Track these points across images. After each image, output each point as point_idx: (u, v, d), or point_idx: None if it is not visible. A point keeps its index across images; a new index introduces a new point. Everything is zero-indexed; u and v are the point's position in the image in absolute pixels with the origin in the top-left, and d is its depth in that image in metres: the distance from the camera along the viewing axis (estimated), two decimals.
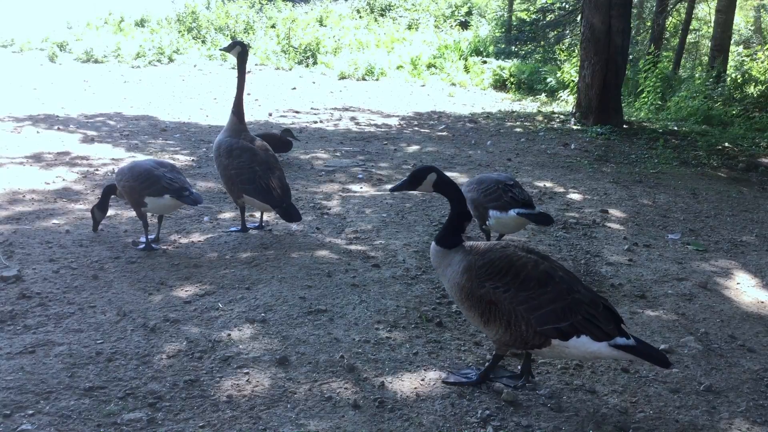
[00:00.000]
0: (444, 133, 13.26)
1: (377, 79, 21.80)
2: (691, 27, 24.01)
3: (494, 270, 3.87)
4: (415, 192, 8.60)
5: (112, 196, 6.45)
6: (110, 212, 6.85)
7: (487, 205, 5.83)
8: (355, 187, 8.78)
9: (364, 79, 21.68)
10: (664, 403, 4.12)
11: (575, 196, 8.86)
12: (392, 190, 4.35)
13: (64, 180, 8.28)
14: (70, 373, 4.03)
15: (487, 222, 5.94)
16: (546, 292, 3.79)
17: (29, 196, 7.52)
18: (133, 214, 6.63)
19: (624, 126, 14.54)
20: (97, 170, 8.87)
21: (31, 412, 3.64)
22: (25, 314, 4.78)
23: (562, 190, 9.16)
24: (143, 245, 6.24)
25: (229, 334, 4.62)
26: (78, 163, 9.21)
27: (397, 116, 15.28)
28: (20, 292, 5.10)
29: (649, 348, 3.82)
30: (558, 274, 3.87)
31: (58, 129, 11.43)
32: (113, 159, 9.52)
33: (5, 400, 3.73)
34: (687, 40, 23.38)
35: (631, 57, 18.33)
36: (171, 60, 22.26)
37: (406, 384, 4.13)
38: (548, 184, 9.38)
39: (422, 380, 4.18)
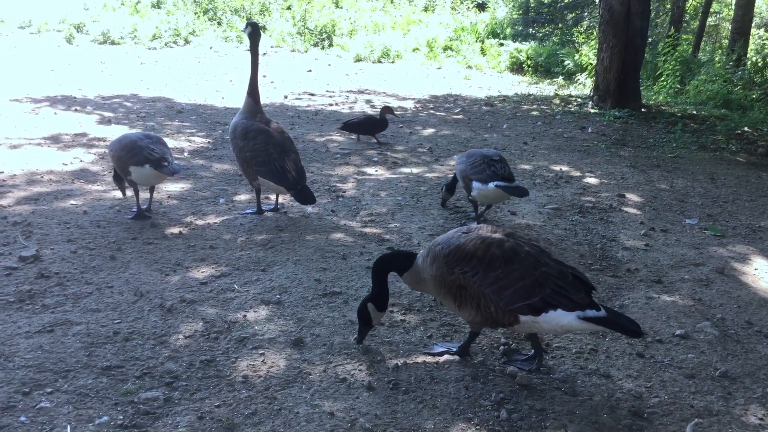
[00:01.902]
0: (460, 116, 13.20)
1: (393, 62, 21.71)
2: (711, 9, 23.67)
3: (460, 255, 3.92)
4: (430, 175, 8.59)
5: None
6: (127, 193, 6.90)
7: (471, 177, 6.36)
8: (370, 170, 8.77)
9: (379, 61, 21.60)
10: (680, 388, 4.10)
11: (592, 180, 8.81)
12: (359, 342, 4.35)
13: (81, 161, 8.33)
14: (88, 352, 4.08)
15: (472, 192, 6.42)
16: (513, 270, 3.81)
17: (47, 177, 7.58)
18: (148, 195, 6.73)
19: (642, 109, 14.40)
20: None
21: (49, 390, 3.69)
22: (44, 294, 4.83)
23: (578, 174, 9.10)
24: (133, 214, 6.50)
25: (245, 315, 4.65)
26: (95, 144, 9.27)
27: (413, 99, 15.22)
28: (39, 271, 5.15)
29: (621, 318, 3.78)
30: (524, 250, 3.88)
31: (76, 110, 11.49)
32: None
33: (24, 378, 3.79)
34: (707, 23, 23.07)
35: (650, 40, 18.12)
36: (187, 42, 22.28)
37: (420, 367, 4.14)
38: (564, 168, 9.32)
39: (436, 363, 4.19)
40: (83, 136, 9.70)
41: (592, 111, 14.30)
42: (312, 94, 15.05)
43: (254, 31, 6.76)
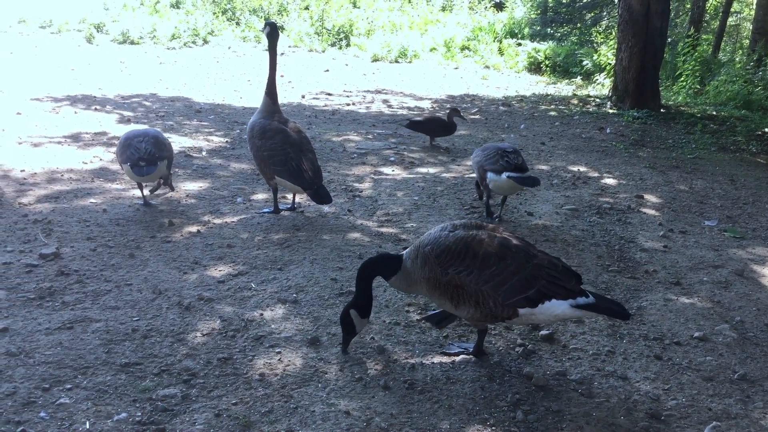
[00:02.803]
0: (477, 117, 13.17)
1: (410, 62, 21.70)
2: (732, 9, 23.43)
3: (452, 255, 3.92)
4: (447, 175, 8.58)
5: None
6: (146, 192, 6.97)
7: (486, 168, 6.60)
8: (386, 170, 8.78)
9: (396, 61, 21.60)
10: (697, 390, 4.07)
11: (610, 181, 8.76)
12: (343, 351, 4.27)
13: (101, 160, 8.41)
14: (107, 349, 4.12)
15: (486, 183, 6.65)
16: (507, 265, 3.87)
17: (67, 176, 7.67)
18: (169, 193, 6.82)
19: (661, 110, 14.30)
20: None
21: (69, 386, 3.74)
22: (64, 291, 4.89)
23: (596, 174, 9.06)
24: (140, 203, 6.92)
25: (262, 314, 4.67)
26: (115, 143, 9.33)
27: (430, 99, 15.20)
28: (59, 269, 5.21)
29: (609, 303, 3.93)
30: (513, 244, 3.95)
31: (96, 109, 11.60)
32: None
33: (44, 374, 3.83)
34: (727, 23, 22.84)
35: (669, 40, 17.96)
36: (206, 41, 22.40)
37: (436, 367, 4.15)
38: (582, 169, 9.28)
39: (452, 363, 4.19)
40: (103, 135, 9.79)
41: (611, 111, 14.22)
42: (329, 94, 15.08)
43: (272, 31, 6.79)
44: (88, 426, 3.40)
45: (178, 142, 9.35)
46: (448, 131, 9.96)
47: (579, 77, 19.79)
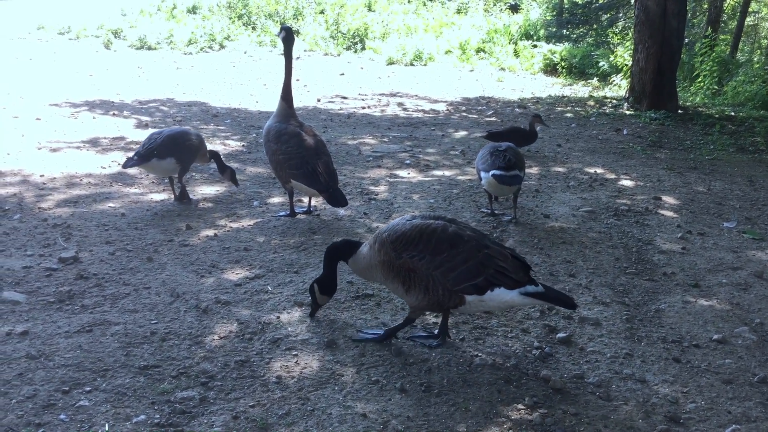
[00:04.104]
0: (492, 119, 13.15)
1: (425, 64, 21.70)
2: (750, 9, 23.21)
3: (407, 240, 4.12)
4: (462, 178, 8.56)
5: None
6: (163, 196, 7.04)
7: (479, 168, 6.77)
8: (402, 173, 8.78)
9: (412, 64, 21.61)
10: (717, 393, 4.04)
11: (627, 183, 8.71)
12: (310, 317, 4.66)
13: (119, 164, 8.48)
14: (126, 352, 4.16)
15: (481, 183, 6.82)
16: (458, 253, 4.04)
17: (86, 180, 7.74)
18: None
19: (679, 111, 14.19)
20: None
21: (88, 388, 3.77)
22: (83, 294, 4.94)
23: (613, 176, 9.01)
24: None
25: (279, 317, 4.69)
26: (133, 148, 9.42)
27: (445, 102, 15.20)
28: (78, 273, 5.27)
29: (557, 293, 4.10)
30: (467, 234, 4.13)
31: (114, 114, 11.71)
32: None
33: (64, 376, 3.87)
34: (745, 23, 22.63)
35: (686, 40, 17.85)
36: (222, 46, 22.55)
37: (452, 369, 4.14)
38: (599, 171, 9.23)
39: (469, 366, 4.19)
40: (121, 139, 9.88)
41: (628, 113, 14.13)
42: (344, 98, 15.12)
43: (288, 36, 6.82)
44: (107, 428, 3.43)
45: None
46: (528, 140, 9.65)
47: (595, 78, 19.69)
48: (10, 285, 5.02)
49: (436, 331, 4.52)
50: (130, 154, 8.98)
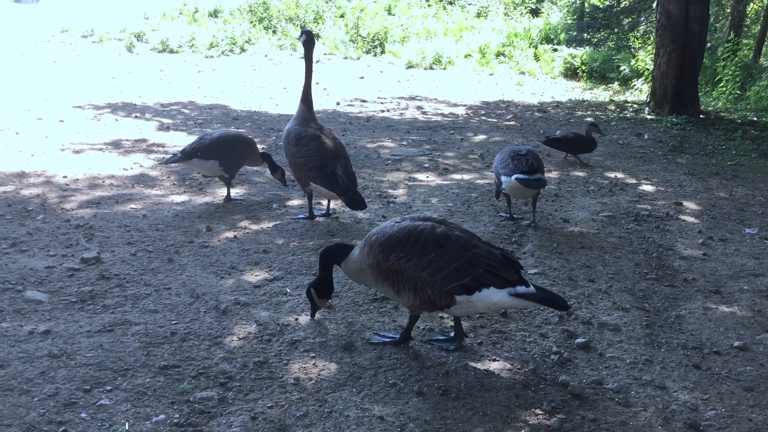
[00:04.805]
0: (512, 123, 13.11)
1: (445, 68, 21.69)
2: None
3: (395, 242, 4.14)
4: (481, 182, 8.54)
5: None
6: (184, 198, 7.11)
7: (499, 171, 6.68)
8: (421, 176, 8.79)
9: (431, 68, 21.61)
10: (737, 401, 4.00)
11: (648, 188, 8.64)
12: (311, 317, 4.74)
13: (141, 166, 8.58)
14: (146, 352, 4.20)
15: (501, 186, 6.71)
16: (446, 253, 4.03)
17: (108, 182, 7.83)
18: (205, 199, 6.91)
19: (700, 116, 14.07)
20: None
21: (109, 387, 3.82)
22: (104, 294, 4.99)
23: (634, 181, 8.95)
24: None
25: (297, 319, 4.71)
26: (154, 150, 9.52)
27: (464, 105, 15.18)
28: (100, 273, 5.33)
29: (549, 294, 4.05)
30: (455, 234, 4.13)
31: (136, 117, 11.83)
32: None
33: (85, 375, 3.92)
34: None
35: (708, 45, 17.68)
36: (243, 50, 22.69)
37: (470, 373, 4.14)
38: (620, 175, 9.17)
39: (487, 370, 4.18)
40: (143, 141, 9.98)
41: (649, 117, 14.03)
42: (364, 101, 15.15)
43: (308, 39, 6.85)
44: (127, 427, 3.47)
45: None
46: (588, 148, 9.56)
47: (616, 83, 19.56)
48: (33, 284, 5.09)
49: (452, 334, 4.51)
50: (152, 156, 9.10)
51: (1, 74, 15.39)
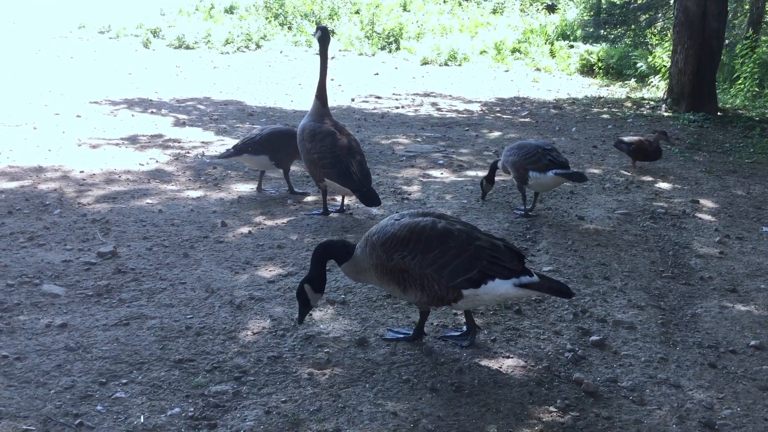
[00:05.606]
0: (527, 120, 13.06)
1: (460, 65, 21.62)
2: None
3: (397, 241, 4.09)
4: (495, 178, 8.53)
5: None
6: (200, 193, 7.15)
7: (527, 167, 6.67)
8: (435, 173, 8.77)
9: (446, 64, 21.55)
10: (753, 400, 3.97)
11: (664, 185, 8.58)
12: (299, 322, 4.41)
13: (157, 162, 8.63)
14: (162, 346, 4.23)
15: (527, 182, 6.73)
16: (449, 248, 4.02)
17: (124, 177, 7.89)
18: (220, 195, 6.93)
19: (718, 113, 13.93)
20: (188, 153, 9.20)
21: (125, 381, 3.85)
22: (120, 288, 5.03)
23: (650, 178, 8.89)
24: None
25: (311, 314, 4.72)
26: (170, 145, 9.58)
27: (479, 102, 15.13)
28: (116, 267, 5.37)
29: (552, 282, 4.10)
30: (456, 228, 4.11)
31: (152, 112, 11.90)
32: (203, 142, 9.85)
33: (101, 368, 3.96)
34: None
35: (726, 41, 17.49)
36: (258, 46, 22.73)
37: (483, 370, 4.13)
38: (635, 173, 9.11)
39: (500, 367, 4.18)
40: (159, 137, 10.04)
41: (666, 114, 13.92)
42: (378, 97, 15.14)
43: (324, 35, 6.86)
44: (142, 420, 3.50)
45: (230, 145, 9.51)
46: (654, 156, 9.21)
47: (633, 79, 19.40)
48: (50, 278, 5.14)
49: (465, 328, 4.51)
50: (168, 151, 9.15)
51: (19, 70, 15.54)
